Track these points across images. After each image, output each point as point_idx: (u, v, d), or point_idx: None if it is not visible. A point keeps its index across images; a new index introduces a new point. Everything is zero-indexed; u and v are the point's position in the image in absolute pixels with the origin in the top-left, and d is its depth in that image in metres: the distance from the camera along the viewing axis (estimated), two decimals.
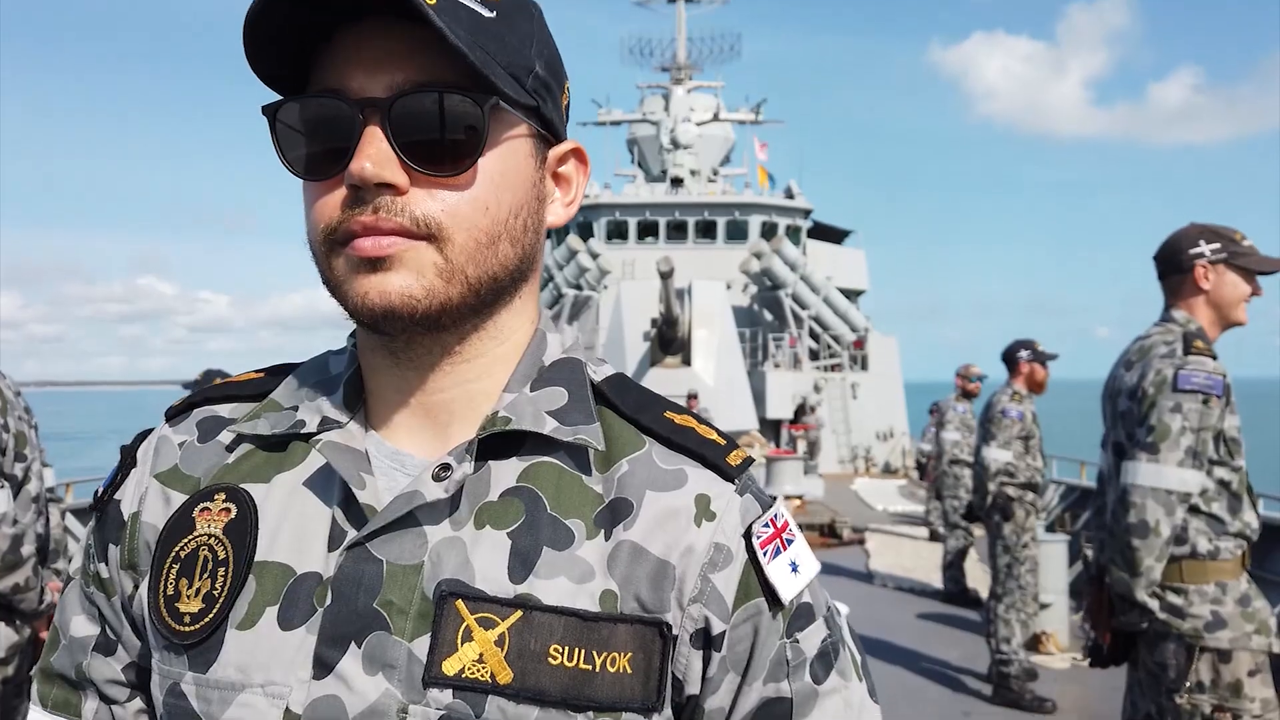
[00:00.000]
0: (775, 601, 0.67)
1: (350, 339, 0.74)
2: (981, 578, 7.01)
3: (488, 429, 0.66)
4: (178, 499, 0.71)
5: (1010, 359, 5.24)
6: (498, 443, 0.67)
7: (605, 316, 19.06)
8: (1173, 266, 2.41)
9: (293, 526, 0.67)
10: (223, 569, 0.67)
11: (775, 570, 0.67)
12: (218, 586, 0.66)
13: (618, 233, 23.34)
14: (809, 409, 17.45)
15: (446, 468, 0.65)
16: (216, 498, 0.69)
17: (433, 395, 0.69)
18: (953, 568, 7.22)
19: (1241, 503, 2.28)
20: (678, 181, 24.24)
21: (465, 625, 0.62)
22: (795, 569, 0.68)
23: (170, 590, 0.68)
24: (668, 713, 0.65)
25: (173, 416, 0.76)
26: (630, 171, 26.34)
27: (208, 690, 0.65)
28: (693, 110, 26.00)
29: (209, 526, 0.68)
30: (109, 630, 0.73)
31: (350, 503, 0.66)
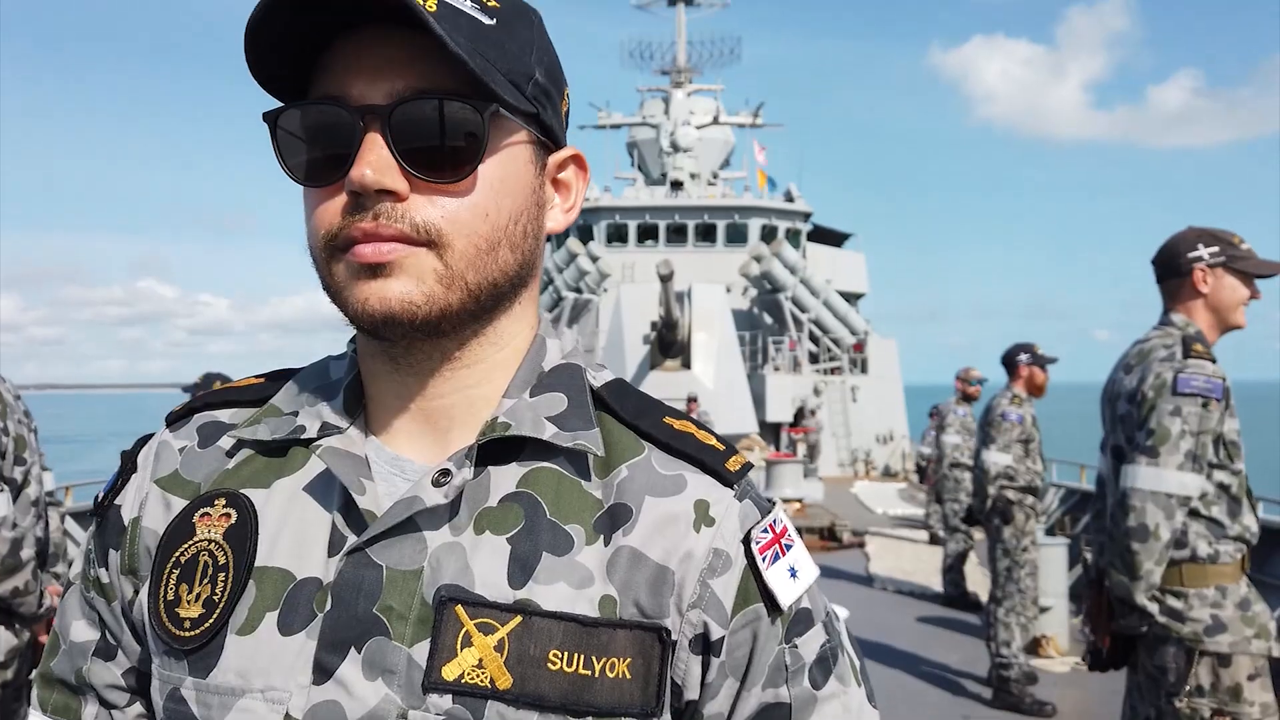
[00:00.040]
0: (774, 607, 0.67)
1: (350, 344, 0.75)
2: (981, 581, 7.00)
3: (487, 434, 0.66)
4: (178, 504, 0.71)
5: (1010, 362, 5.24)
6: (497, 448, 0.67)
7: (605, 319, 19.07)
8: (1171, 270, 2.41)
9: (293, 532, 0.67)
10: (223, 574, 0.67)
11: (774, 576, 0.67)
12: (218, 592, 0.66)
13: (618, 236, 23.36)
14: (808, 412, 17.45)
15: (446, 473, 0.66)
16: (217, 503, 0.69)
17: (432, 401, 0.69)
18: (953, 571, 7.21)
19: (1241, 506, 2.28)
20: (677, 185, 24.26)
21: (465, 631, 0.62)
22: (794, 574, 0.68)
23: (170, 595, 0.68)
24: (667, 718, 0.65)
25: (173, 421, 0.77)
26: (630, 175, 26.37)
27: (208, 695, 0.65)
28: (693, 113, 26.04)
29: (209, 532, 0.68)
30: (109, 635, 0.73)
31: (350, 508, 0.66)
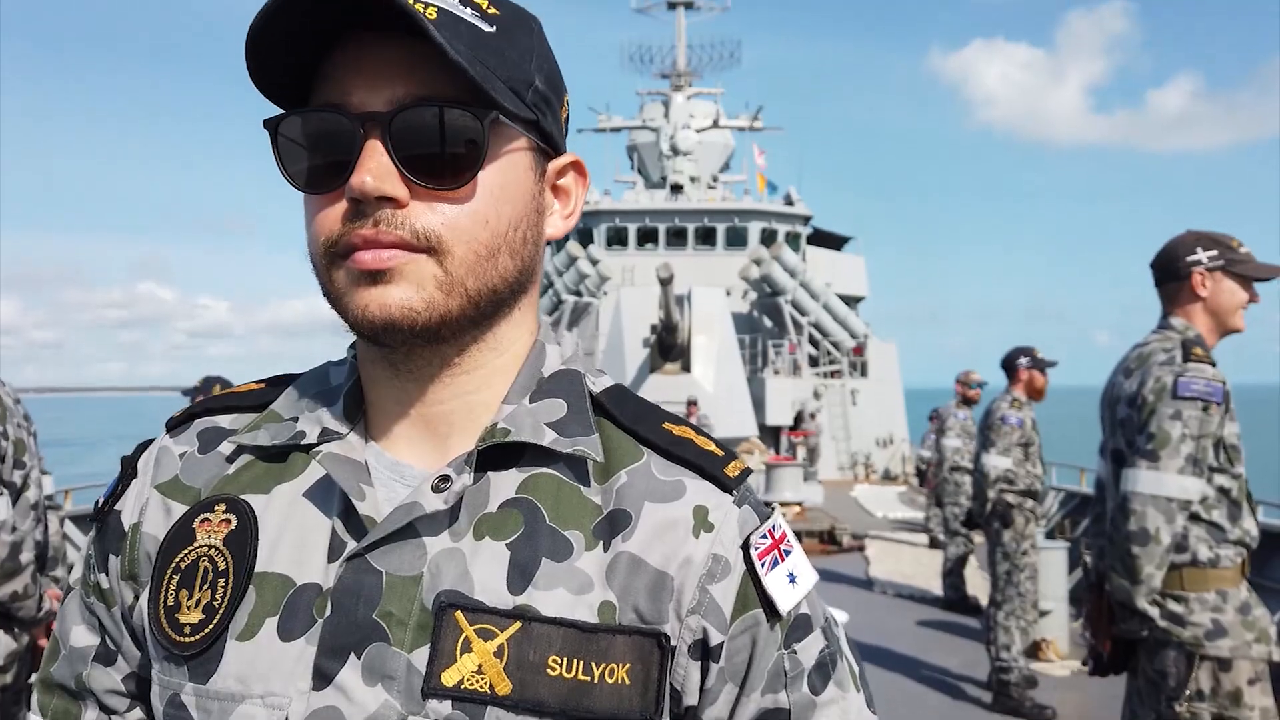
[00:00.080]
0: (773, 612, 0.67)
1: (350, 350, 0.75)
2: (981, 585, 7.00)
3: (487, 440, 0.67)
4: (178, 510, 0.71)
5: (1009, 366, 5.24)
6: (497, 454, 0.67)
7: (605, 323, 19.07)
8: (1170, 274, 2.42)
9: (292, 538, 0.67)
10: (223, 580, 0.67)
11: (773, 581, 0.67)
12: (218, 597, 0.66)
13: (617, 239, 23.37)
14: (808, 416, 17.45)
15: (446, 479, 0.66)
16: (217, 509, 0.70)
17: (432, 407, 0.69)
18: (953, 575, 7.21)
19: (1241, 510, 2.28)
20: (677, 188, 24.28)
21: (464, 636, 0.63)
22: (793, 580, 0.69)
23: (170, 601, 0.68)
24: None
25: (173, 427, 0.77)
26: (630, 178, 26.39)
27: (208, 701, 0.65)
28: (692, 117, 26.06)
29: (209, 537, 0.69)
30: (109, 640, 0.74)
31: (350, 514, 0.66)
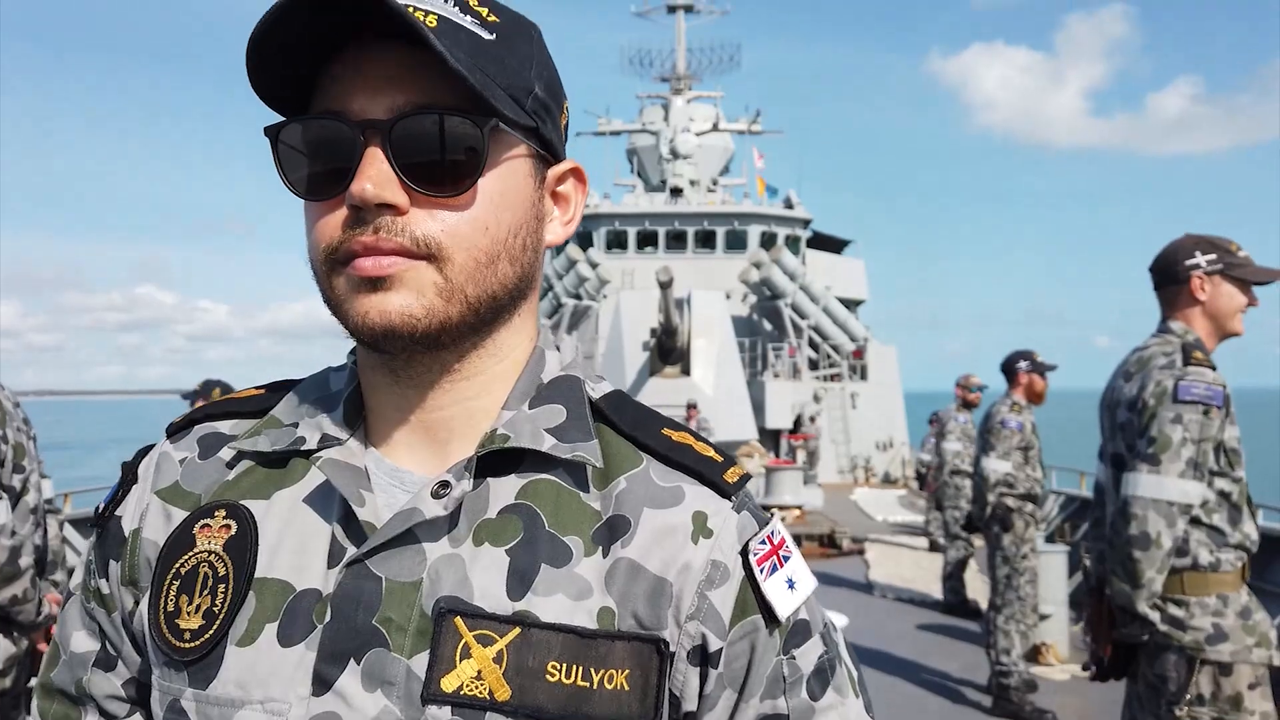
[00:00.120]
0: (772, 618, 0.67)
1: (350, 356, 0.75)
2: (981, 588, 6.99)
3: (486, 446, 0.67)
4: (178, 515, 0.71)
5: (1009, 370, 5.24)
6: (496, 460, 0.68)
7: (604, 326, 19.07)
8: (1169, 278, 2.42)
9: (292, 543, 0.67)
10: (223, 585, 0.67)
11: (772, 587, 0.68)
12: (218, 603, 0.67)
13: (617, 242, 23.38)
14: (807, 420, 17.46)
15: (445, 485, 0.66)
16: (217, 514, 0.70)
17: (432, 413, 0.69)
18: (953, 578, 7.20)
19: (1241, 514, 2.27)
20: (677, 191, 24.30)
21: (464, 642, 0.63)
22: (792, 586, 0.69)
23: (171, 607, 0.68)
24: None
25: (174, 433, 0.77)
26: (630, 181, 26.40)
27: (207, 707, 0.65)
28: (692, 120, 26.08)
29: (209, 543, 0.69)
30: (109, 646, 0.74)
31: (350, 520, 0.67)
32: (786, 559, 0.70)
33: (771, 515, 0.72)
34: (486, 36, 0.64)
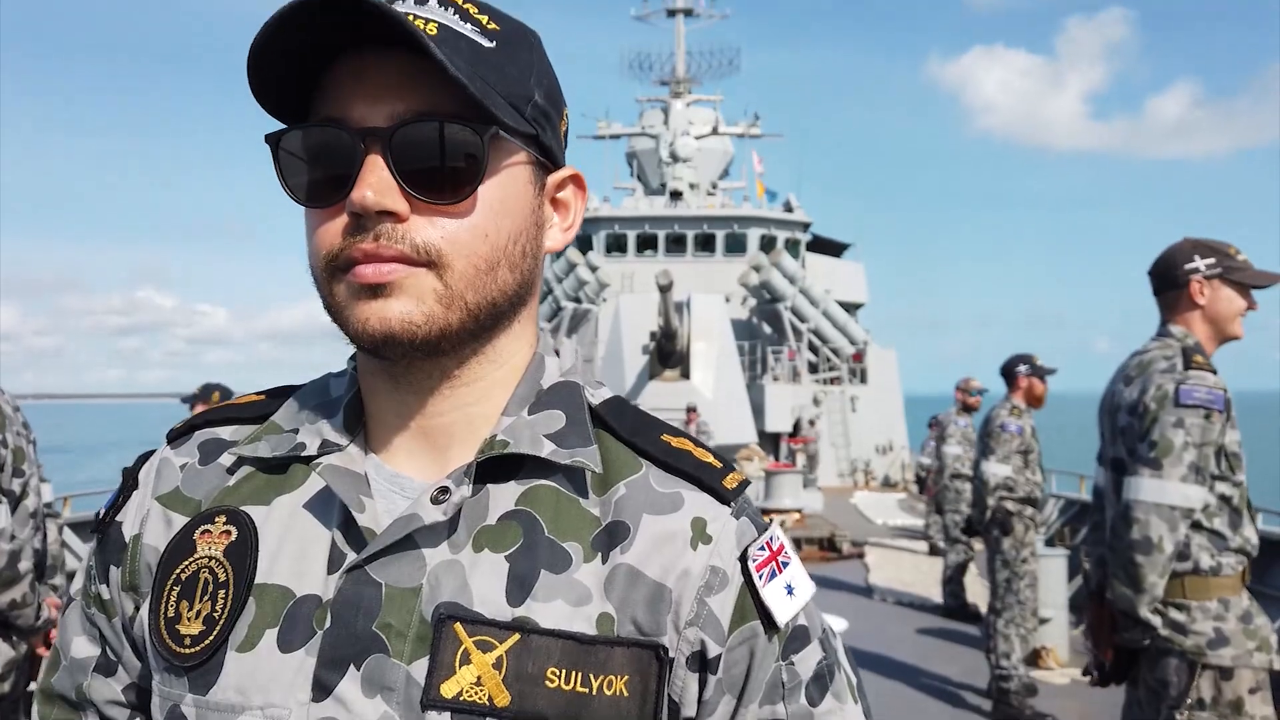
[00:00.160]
0: (771, 624, 0.67)
1: (350, 362, 0.75)
2: (981, 592, 6.99)
3: (486, 452, 0.67)
4: (179, 521, 0.71)
5: (1009, 374, 5.25)
6: (496, 466, 0.68)
7: (604, 329, 19.07)
8: (1168, 282, 2.42)
9: (293, 549, 0.67)
10: (223, 591, 0.67)
11: (771, 593, 0.68)
12: (218, 609, 0.67)
13: (617, 246, 23.40)
14: (806, 424, 17.45)
15: (445, 491, 0.66)
16: (217, 520, 0.70)
17: (432, 419, 0.69)
18: (952, 582, 7.20)
19: (1242, 518, 2.27)
20: (677, 195, 24.32)
21: (463, 648, 0.63)
22: (791, 592, 0.69)
23: (171, 612, 0.68)
24: None
25: (174, 438, 0.77)
26: (629, 185, 26.43)
27: (207, 712, 0.65)
28: (692, 124, 26.11)
29: (209, 549, 0.69)
30: (110, 651, 0.74)
31: (350, 525, 0.67)
32: (785, 565, 0.70)
33: (770, 521, 0.73)
34: (486, 44, 0.65)
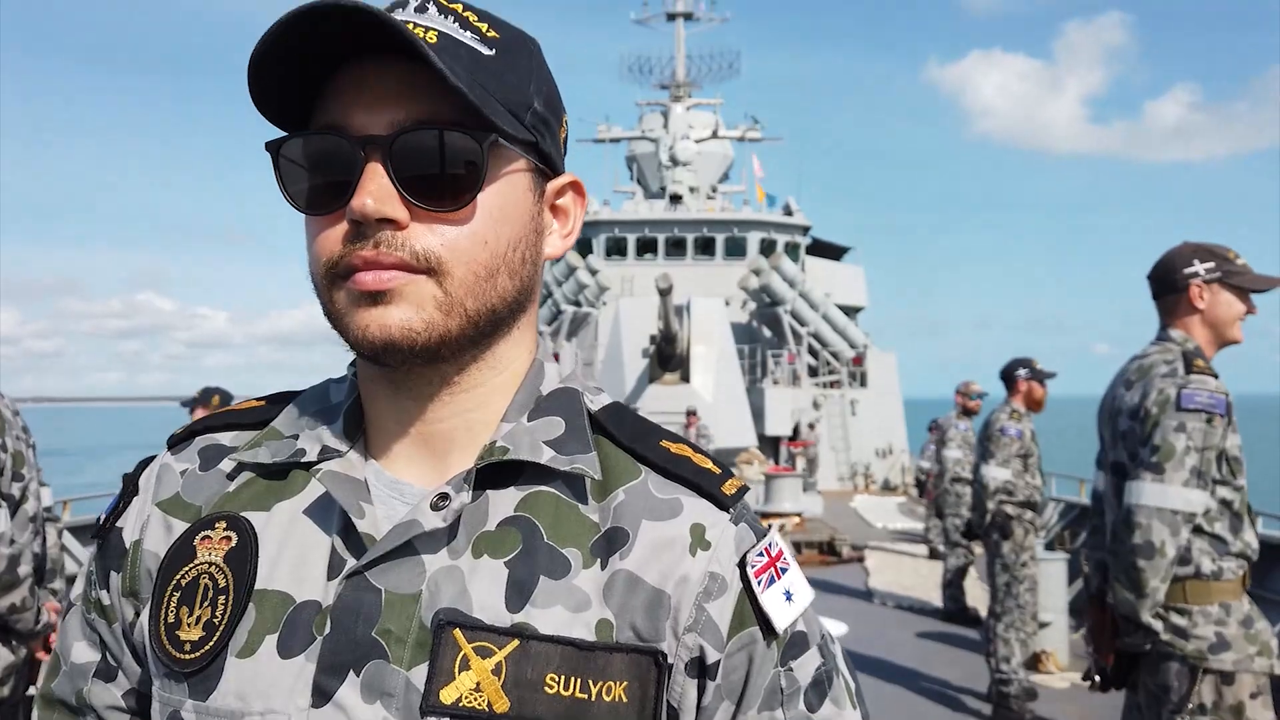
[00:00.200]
0: (769, 630, 0.68)
1: (350, 368, 0.75)
2: (981, 596, 6.98)
3: (485, 458, 0.67)
4: (179, 527, 0.72)
5: (1008, 377, 5.25)
6: (496, 472, 0.68)
7: (604, 333, 19.07)
8: (1167, 286, 2.42)
9: (292, 555, 0.68)
10: (223, 597, 0.67)
11: (769, 599, 0.68)
12: (218, 615, 0.67)
13: (616, 249, 23.41)
14: (806, 427, 17.45)
15: (445, 497, 0.66)
16: (217, 526, 0.70)
17: (432, 425, 0.70)
18: (952, 586, 7.19)
19: (1242, 522, 2.27)
20: (676, 198, 24.33)
21: (463, 654, 0.63)
22: (789, 598, 0.69)
23: (171, 618, 0.68)
24: None
25: (175, 444, 0.77)
26: (629, 188, 26.44)
27: (207, 718, 0.65)
28: (691, 127, 26.14)
29: (210, 555, 0.69)
30: (110, 657, 0.74)
31: (350, 532, 0.67)
32: (784, 571, 0.70)
33: (769, 527, 0.73)
34: (486, 52, 0.65)
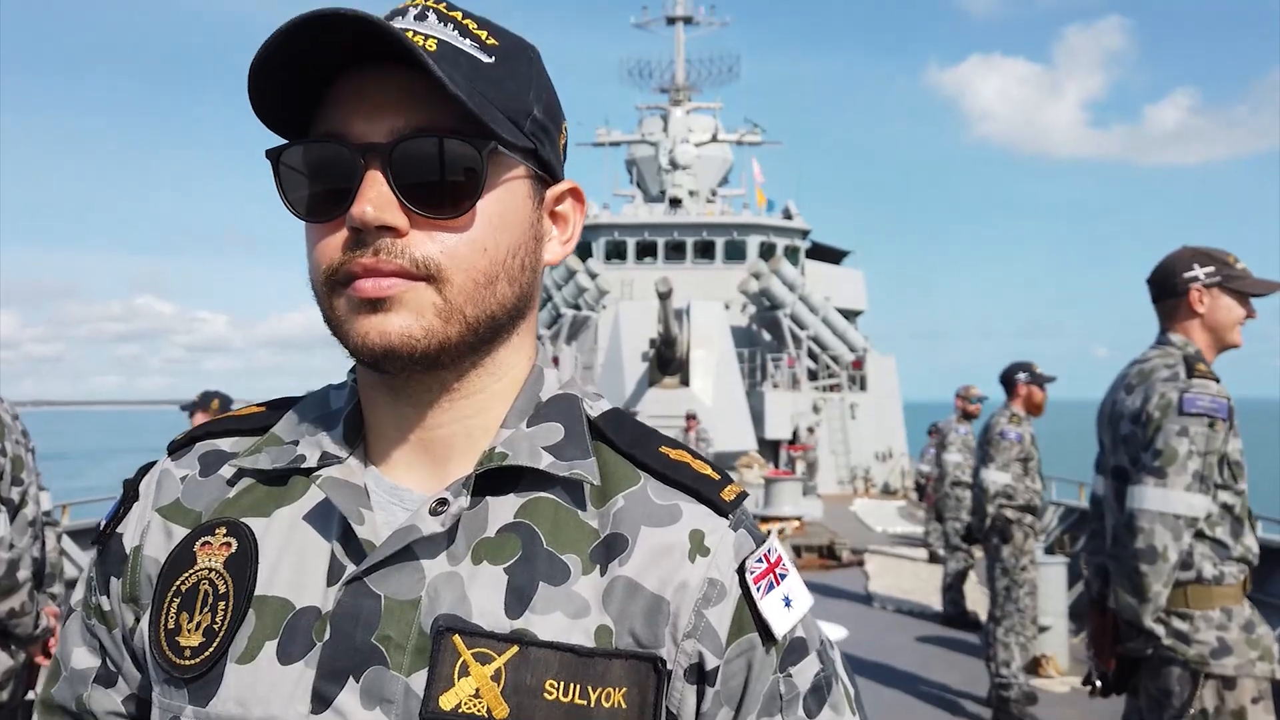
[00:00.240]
0: (768, 636, 0.68)
1: (350, 374, 0.76)
2: (981, 600, 6.98)
3: (485, 464, 0.67)
4: (179, 533, 0.72)
5: (1008, 381, 5.25)
6: (495, 478, 0.68)
7: (604, 337, 19.08)
8: (1167, 290, 2.42)
9: (292, 561, 0.68)
10: (223, 603, 0.67)
11: (768, 605, 0.68)
12: (218, 620, 0.67)
13: (616, 253, 23.43)
14: (805, 432, 17.45)
15: (444, 502, 0.66)
16: (217, 532, 0.70)
17: (431, 431, 0.70)
18: (952, 590, 7.19)
19: (1244, 527, 2.27)
20: (676, 202, 24.36)
21: (462, 660, 0.63)
22: (788, 604, 0.69)
23: (171, 624, 0.68)
24: None
25: (175, 450, 0.77)
26: (629, 192, 26.47)
27: None
28: (691, 131, 26.18)
29: (210, 560, 0.69)
30: (110, 662, 0.74)
31: (349, 537, 0.67)
32: (783, 577, 0.70)
33: (769, 533, 0.73)
34: (485, 60, 0.65)
